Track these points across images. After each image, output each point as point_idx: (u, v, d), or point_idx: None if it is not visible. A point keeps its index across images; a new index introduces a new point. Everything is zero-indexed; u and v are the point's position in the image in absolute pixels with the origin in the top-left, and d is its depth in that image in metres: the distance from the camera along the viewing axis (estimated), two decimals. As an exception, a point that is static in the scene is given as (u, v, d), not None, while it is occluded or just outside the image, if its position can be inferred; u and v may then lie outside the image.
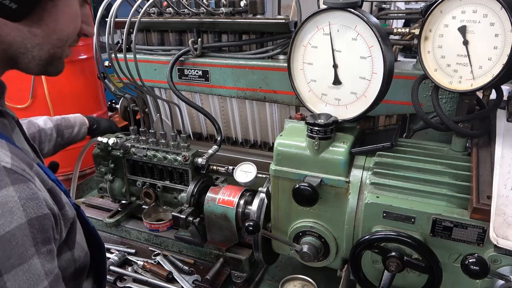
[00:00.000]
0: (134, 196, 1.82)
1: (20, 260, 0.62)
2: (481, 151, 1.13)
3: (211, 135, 2.00)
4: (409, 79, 1.36)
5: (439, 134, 1.41)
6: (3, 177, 0.63)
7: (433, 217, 1.02)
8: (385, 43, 1.09)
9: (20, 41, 0.81)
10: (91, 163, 1.85)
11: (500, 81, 1.04)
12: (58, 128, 1.65)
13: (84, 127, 1.76)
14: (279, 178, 1.23)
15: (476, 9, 1.01)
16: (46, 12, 0.79)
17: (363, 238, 1.06)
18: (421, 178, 1.10)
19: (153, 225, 1.76)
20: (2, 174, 0.64)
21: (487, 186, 1.00)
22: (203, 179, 1.62)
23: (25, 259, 0.63)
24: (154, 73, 1.79)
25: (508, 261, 0.96)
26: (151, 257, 1.67)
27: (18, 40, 0.81)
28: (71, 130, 1.70)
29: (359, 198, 1.15)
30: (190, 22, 1.66)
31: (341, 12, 1.11)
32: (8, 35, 0.79)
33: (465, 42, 1.04)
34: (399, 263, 1.03)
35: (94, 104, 3.40)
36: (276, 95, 1.62)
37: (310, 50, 1.21)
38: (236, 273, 1.56)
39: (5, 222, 0.61)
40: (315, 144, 1.15)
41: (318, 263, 1.29)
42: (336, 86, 1.20)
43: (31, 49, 0.83)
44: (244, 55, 1.65)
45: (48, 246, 0.69)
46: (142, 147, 1.68)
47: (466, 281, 1.02)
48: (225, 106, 1.83)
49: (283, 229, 1.30)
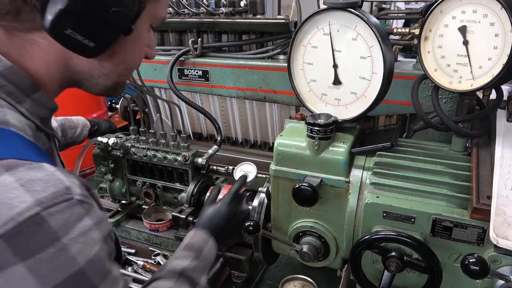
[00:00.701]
0: (134, 196, 1.82)
1: (106, 272, 0.70)
2: (481, 151, 1.12)
3: (211, 135, 2.00)
4: (409, 79, 1.36)
5: (439, 134, 1.41)
6: (79, 210, 0.67)
7: (433, 217, 1.02)
8: (385, 43, 1.09)
9: (88, 70, 0.83)
10: (91, 163, 1.85)
11: (500, 81, 1.04)
12: (63, 128, 1.66)
13: (86, 128, 1.77)
14: (279, 178, 1.23)
15: (476, 9, 1.01)
16: (117, 46, 0.81)
17: (363, 238, 1.06)
18: (421, 178, 1.10)
19: (153, 225, 1.76)
20: (77, 207, 0.67)
21: (487, 186, 1.00)
22: (203, 179, 1.62)
23: (109, 271, 0.71)
24: (154, 73, 1.79)
25: (508, 261, 0.96)
26: (151, 257, 1.67)
27: (85, 70, 0.83)
28: (74, 130, 1.71)
29: (359, 198, 1.15)
30: (190, 22, 1.66)
31: (341, 12, 1.11)
32: (78, 65, 0.81)
33: (465, 42, 1.04)
34: (399, 263, 1.03)
35: (94, 104, 3.39)
36: (276, 95, 1.62)
37: (310, 50, 1.21)
38: (236, 273, 1.56)
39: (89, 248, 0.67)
40: (315, 144, 1.15)
41: (318, 263, 1.29)
42: (336, 86, 1.20)
43: (96, 77, 0.85)
44: (244, 55, 1.65)
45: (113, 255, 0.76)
46: (142, 147, 1.68)
47: (466, 281, 1.02)
48: (225, 106, 1.83)
49: (283, 229, 1.30)
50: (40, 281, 0.62)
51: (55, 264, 0.63)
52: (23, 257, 0.61)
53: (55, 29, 0.71)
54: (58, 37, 0.73)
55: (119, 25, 0.77)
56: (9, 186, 0.62)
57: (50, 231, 0.62)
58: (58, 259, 0.63)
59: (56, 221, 0.63)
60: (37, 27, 0.74)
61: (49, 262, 0.62)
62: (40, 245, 0.62)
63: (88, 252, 0.67)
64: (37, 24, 0.74)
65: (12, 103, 0.75)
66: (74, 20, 0.72)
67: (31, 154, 0.70)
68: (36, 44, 0.77)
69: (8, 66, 0.74)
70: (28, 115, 0.77)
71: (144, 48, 0.90)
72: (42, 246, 0.62)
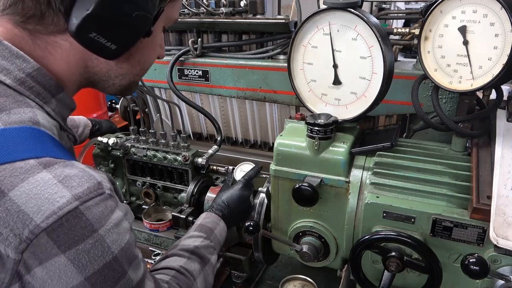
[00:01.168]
0: (134, 196, 1.82)
1: (134, 257, 0.77)
2: (481, 151, 1.12)
3: (211, 135, 2.00)
4: (409, 79, 1.36)
5: (439, 134, 1.41)
6: (111, 203, 0.73)
7: (433, 217, 1.02)
8: (385, 43, 1.09)
9: (106, 72, 0.86)
10: (91, 163, 1.85)
11: (500, 81, 1.04)
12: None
13: (87, 128, 1.77)
14: (279, 178, 1.23)
15: (476, 9, 1.01)
16: (135, 48, 0.83)
17: (363, 238, 1.06)
18: (421, 178, 1.10)
19: (153, 225, 1.76)
20: (109, 200, 0.73)
21: (487, 186, 1.00)
22: (203, 179, 1.62)
23: (136, 256, 0.78)
24: (154, 73, 1.79)
25: (508, 261, 0.96)
26: (151, 257, 1.67)
27: (103, 71, 0.86)
28: (76, 130, 1.71)
29: (359, 198, 1.15)
30: (190, 22, 1.66)
31: (341, 12, 1.11)
32: (96, 66, 0.85)
33: (465, 42, 1.04)
34: (399, 263, 1.03)
35: (94, 104, 3.40)
36: (276, 95, 1.62)
37: (310, 50, 1.21)
38: (236, 273, 1.56)
39: (122, 237, 0.74)
40: (315, 144, 1.15)
41: (318, 263, 1.29)
42: (336, 86, 1.20)
43: (113, 78, 0.88)
44: (244, 55, 1.65)
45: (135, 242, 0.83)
46: (142, 147, 1.68)
47: (466, 281, 1.02)
48: (225, 106, 1.83)
49: (283, 229, 1.30)
50: (79, 270, 0.67)
51: (93, 254, 0.68)
52: (63, 249, 0.65)
53: (81, 32, 0.74)
54: (82, 40, 0.76)
55: (140, 28, 0.80)
56: (48, 183, 0.66)
57: (88, 223, 0.68)
58: (95, 249, 0.68)
59: (93, 214, 0.69)
60: (60, 30, 0.77)
61: (88, 253, 0.68)
62: (79, 237, 0.67)
63: (121, 241, 0.73)
64: (60, 27, 0.77)
65: (40, 103, 0.78)
66: (99, 24, 0.75)
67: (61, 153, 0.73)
68: (58, 47, 0.79)
69: (36, 67, 0.77)
70: (54, 115, 0.80)
71: (158, 49, 0.94)
72: (81, 237, 0.67)
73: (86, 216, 0.67)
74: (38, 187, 0.65)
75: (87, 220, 0.67)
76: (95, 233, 0.68)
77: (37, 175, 0.66)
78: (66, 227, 0.65)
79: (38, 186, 0.65)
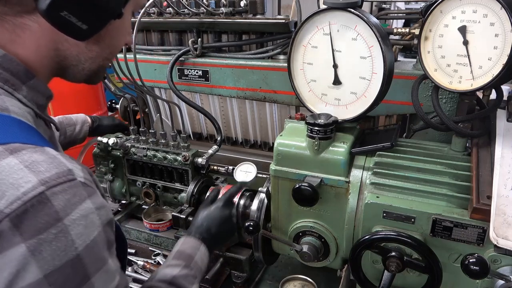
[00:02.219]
0: (134, 196, 1.82)
1: (102, 262, 0.71)
2: (481, 151, 1.12)
3: (211, 135, 2.00)
4: (409, 79, 1.36)
5: (439, 134, 1.41)
6: (81, 192, 0.68)
7: (433, 217, 1.02)
8: (385, 43, 1.09)
9: (75, 55, 0.83)
10: (91, 163, 1.85)
11: (500, 81, 1.04)
12: (61, 126, 1.64)
13: (86, 125, 1.74)
14: (279, 178, 1.23)
15: (476, 9, 1.01)
16: (105, 30, 0.81)
17: (363, 238, 1.06)
18: (421, 178, 1.10)
19: (153, 225, 1.76)
20: (80, 189, 0.69)
21: (487, 186, 1.00)
22: (203, 179, 1.62)
23: (104, 261, 0.71)
24: (154, 73, 1.79)
25: (508, 261, 0.96)
26: (151, 257, 1.67)
27: (74, 54, 0.83)
28: (73, 127, 1.69)
29: (359, 198, 1.15)
30: (190, 22, 1.66)
31: (341, 12, 1.11)
32: (67, 49, 0.82)
33: (465, 42, 1.04)
34: (399, 263, 1.03)
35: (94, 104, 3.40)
36: (276, 95, 1.62)
37: (310, 50, 1.21)
38: (236, 273, 1.56)
39: (89, 232, 0.68)
40: (315, 144, 1.15)
41: (318, 263, 1.29)
42: (336, 86, 1.20)
43: (83, 62, 0.85)
44: (244, 55, 1.65)
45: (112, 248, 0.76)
46: (142, 147, 1.68)
47: (466, 281, 1.02)
48: (225, 106, 1.83)
49: (283, 229, 1.30)
50: (39, 264, 0.62)
51: (55, 246, 0.63)
52: (25, 237, 0.61)
53: (51, 11, 0.71)
54: (53, 19, 0.73)
55: (112, 8, 0.78)
56: (14, 168, 0.63)
57: (52, 210, 0.63)
58: (58, 240, 0.64)
59: (59, 201, 0.64)
60: (28, 10, 0.74)
61: (50, 244, 0.63)
62: (43, 225, 0.62)
63: (87, 237, 0.67)
64: (28, 7, 0.74)
65: (9, 90, 0.75)
66: (71, 2, 0.72)
67: (33, 139, 0.70)
68: (27, 28, 0.76)
69: (1, 54, 0.75)
70: (26, 102, 0.78)
71: (126, 34, 0.92)
72: (45, 226, 0.63)
73: (52, 202, 0.64)
74: (3, 173, 0.63)
75: (52, 206, 0.64)
76: (59, 221, 0.64)
77: (2, 161, 0.64)
78: (30, 213, 0.62)
79: (3, 172, 0.63)
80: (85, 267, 0.67)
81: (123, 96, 1.85)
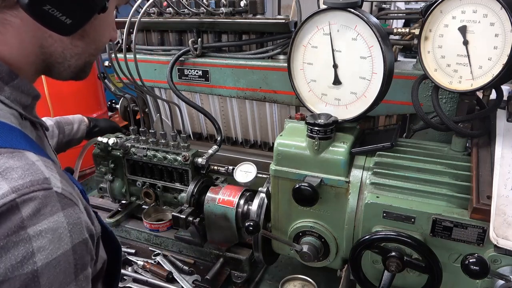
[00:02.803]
0: (134, 196, 1.82)
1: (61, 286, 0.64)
2: (481, 151, 1.12)
3: (211, 135, 2.00)
4: (409, 79, 1.36)
5: (439, 134, 1.41)
6: (55, 203, 0.65)
7: (433, 217, 1.02)
8: (385, 43, 1.09)
9: (61, 51, 0.82)
10: (91, 163, 1.85)
11: (500, 81, 1.04)
12: (59, 125, 1.65)
13: (83, 123, 1.76)
14: (279, 178, 1.23)
15: (476, 9, 1.01)
16: (89, 25, 0.80)
17: (363, 238, 1.06)
18: (421, 178, 1.10)
19: (153, 225, 1.76)
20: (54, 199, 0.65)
21: (487, 186, 1.00)
22: (203, 179, 1.62)
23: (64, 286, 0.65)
24: (154, 73, 1.79)
25: (508, 261, 0.96)
26: (151, 257, 1.67)
27: (59, 51, 0.81)
28: (70, 126, 1.70)
29: (359, 198, 1.15)
30: (190, 22, 1.66)
31: (341, 12, 1.11)
32: (51, 46, 0.80)
33: (465, 42, 1.04)
34: (399, 263, 1.03)
35: (94, 104, 3.39)
36: (276, 95, 1.62)
37: (310, 50, 1.21)
38: (236, 273, 1.56)
39: (53, 248, 0.63)
40: (315, 144, 1.15)
41: (318, 263, 1.29)
42: (336, 86, 1.20)
43: (69, 58, 0.84)
44: (244, 55, 1.65)
45: (85, 272, 0.70)
46: (142, 147, 1.68)
47: (466, 281, 1.02)
48: (225, 106, 1.83)
49: (283, 229, 1.30)
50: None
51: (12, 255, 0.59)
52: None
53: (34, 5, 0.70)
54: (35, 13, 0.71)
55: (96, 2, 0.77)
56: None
57: (18, 217, 0.60)
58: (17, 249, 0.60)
59: (28, 208, 0.62)
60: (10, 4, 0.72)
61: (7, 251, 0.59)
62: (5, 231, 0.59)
63: (50, 253, 0.62)
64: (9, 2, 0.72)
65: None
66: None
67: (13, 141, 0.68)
68: (9, 24, 0.74)
69: None
70: (9, 103, 0.75)
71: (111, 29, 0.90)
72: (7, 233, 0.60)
73: (20, 210, 0.61)
74: None
75: (19, 213, 0.61)
76: (22, 230, 0.60)
77: None
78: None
79: None
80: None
81: (123, 96, 1.85)
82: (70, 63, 0.85)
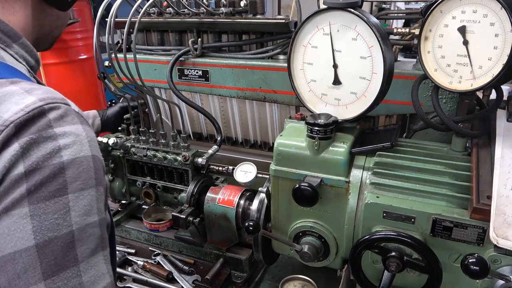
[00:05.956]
0: (134, 196, 1.82)
1: (84, 185, 0.72)
2: (481, 151, 1.12)
3: (211, 135, 2.00)
4: (409, 79, 1.36)
5: (439, 134, 1.41)
6: (74, 117, 0.74)
7: (433, 217, 1.02)
8: (385, 43, 1.09)
9: (49, 24, 0.92)
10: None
11: (500, 81, 1.04)
12: None
13: (97, 119, 1.81)
14: (279, 178, 1.23)
15: (476, 9, 1.01)
16: None
17: (363, 238, 1.06)
18: (421, 178, 1.10)
19: (153, 225, 1.76)
20: (73, 114, 0.74)
21: (487, 186, 1.00)
22: (203, 179, 1.62)
23: (86, 186, 0.72)
24: (154, 73, 1.79)
25: (508, 261, 0.96)
26: (151, 257, 1.67)
27: (47, 23, 0.92)
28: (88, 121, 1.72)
29: (359, 198, 1.15)
30: (190, 22, 1.66)
31: (341, 12, 1.11)
32: (44, 18, 0.91)
33: (465, 42, 1.04)
34: (399, 263, 1.03)
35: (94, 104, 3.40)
36: (276, 95, 1.62)
37: (310, 50, 1.21)
38: (236, 273, 1.57)
39: (76, 148, 0.71)
40: (315, 144, 1.15)
41: (318, 263, 1.29)
42: (336, 86, 1.20)
43: (54, 30, 0.95)
44: (244, 55, 1.65)
45: (101, 188, 0.76)
46: (142, 147, 1.68)
47: (466, 281, 1.02)
48: (225, 106, 1.83)
49: (283, 229, 1.30)
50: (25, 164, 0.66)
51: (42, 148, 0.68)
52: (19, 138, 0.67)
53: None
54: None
55: None
56: (15, 92, 0.71)
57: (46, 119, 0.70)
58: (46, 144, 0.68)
59: (53, 114, 0.71)
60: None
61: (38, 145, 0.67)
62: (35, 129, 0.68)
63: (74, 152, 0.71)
64: None
65: (2, 46, 0.81)
66: None
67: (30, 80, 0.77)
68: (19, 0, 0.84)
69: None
70: (18, 58, 0.84)
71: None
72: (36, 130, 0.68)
73: (47, 115, 0.70)
74: (6, 96, 0.70)
75: (46, 117, 0.70)
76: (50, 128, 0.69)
77: (5, 88, 0.71)
78: (30, 121, 0.68)
79: (7, 95, 0.70)
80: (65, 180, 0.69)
81: (123, 96, 1.85)
82: (53, 35, 0.96)
